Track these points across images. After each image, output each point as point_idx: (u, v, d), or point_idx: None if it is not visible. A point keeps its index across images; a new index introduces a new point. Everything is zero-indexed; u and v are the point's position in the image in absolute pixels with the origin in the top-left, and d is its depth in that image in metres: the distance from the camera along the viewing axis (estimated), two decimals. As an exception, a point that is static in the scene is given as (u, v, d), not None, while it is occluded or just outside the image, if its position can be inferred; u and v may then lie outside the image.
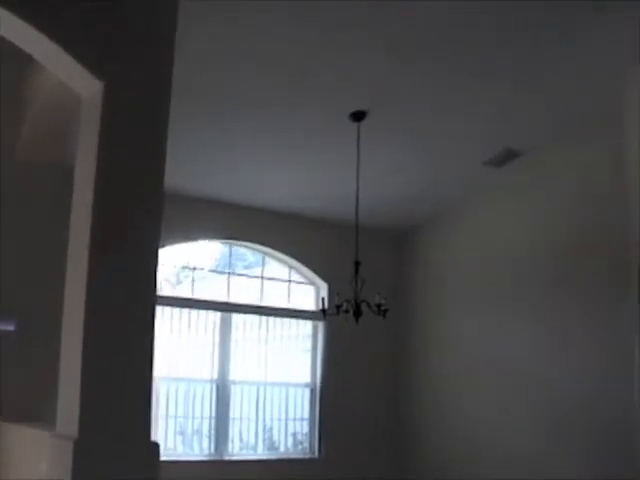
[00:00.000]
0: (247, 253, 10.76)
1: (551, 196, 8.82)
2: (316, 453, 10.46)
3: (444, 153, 8.72)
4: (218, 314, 9.97)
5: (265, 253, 10.71)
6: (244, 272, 10.64)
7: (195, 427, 9.75)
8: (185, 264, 9.94)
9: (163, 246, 8.92)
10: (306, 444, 10.57)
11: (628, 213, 7.09)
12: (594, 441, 7.70)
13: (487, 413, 9.35)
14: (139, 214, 4.15)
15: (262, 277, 10.66)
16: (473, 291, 9.95)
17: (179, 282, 10.02)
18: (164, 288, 9.63)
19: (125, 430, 4.04)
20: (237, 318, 10.15)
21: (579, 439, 7.94)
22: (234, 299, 10.18)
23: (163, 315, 9.30)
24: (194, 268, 10.00)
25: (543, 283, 8.76)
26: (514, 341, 9.07)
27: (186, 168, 8.55)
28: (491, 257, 9.65)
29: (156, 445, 4.22)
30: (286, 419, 10.42)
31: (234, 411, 9.94)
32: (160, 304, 9.04)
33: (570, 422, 8.11)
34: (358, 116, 7.65)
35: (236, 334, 10.11)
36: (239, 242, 10.37)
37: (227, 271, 10.34)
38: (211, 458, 9.62)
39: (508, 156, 8.71)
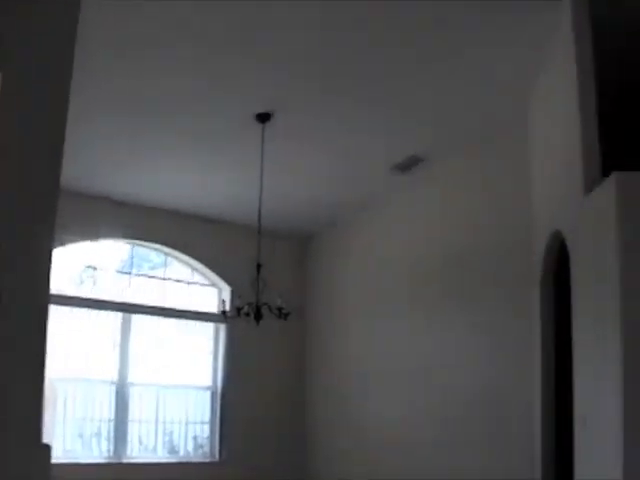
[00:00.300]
0: (152, 254, 10.67)
1: (453, 202, 8.89)
2: (217, 456, 10.42)
3: (349, 157, 8.74)
4: (119, 315, 9.87)
5: (168, 254, 10.64)
6: (147, 273, 10.55)
7: (94, 429, 9.61)
8: (89, 264, 9.80)
9: (63, 244, 8.83)
10: (207, 447, 10.52)
11: (531, 229, 7.24)
12: (496, 442, 7.80)
13: (391, 414, 9.38)
14: (32, 213, 4.08)
15: (164, 278, 10.59)
16: (374, 294, 10.02)
17: (82, 282, 9.87)
18: (66, 288, 9.48)
19: (16, 432, 3.96)
20: (138, 319, 10.05)
21: (481, 440, 8.02)
22: (136, 300, 10.09)
23: (63, 315, 9.17)
24: (95, 268, 9.87)
25: (441, 287, 8.84)
26: (412, 343, 9.13)
27: (90, 167, 8.47)
28: (392, 261, 9.69)
29: (47, 447, 4.15)
30: (187, 422, 10.36)
31: (134, 413, 9.85)
32: (60, 304, 8.95)
33: (471, 423, 8.20)
34: (263, 117, 7.64)
35: (137, 335, 10.01)
36: (142, 242, 10.29)
37: (129, 271, 10.24)
38: (110, 461, 9.52)
39: (413, 161, 8.79)
